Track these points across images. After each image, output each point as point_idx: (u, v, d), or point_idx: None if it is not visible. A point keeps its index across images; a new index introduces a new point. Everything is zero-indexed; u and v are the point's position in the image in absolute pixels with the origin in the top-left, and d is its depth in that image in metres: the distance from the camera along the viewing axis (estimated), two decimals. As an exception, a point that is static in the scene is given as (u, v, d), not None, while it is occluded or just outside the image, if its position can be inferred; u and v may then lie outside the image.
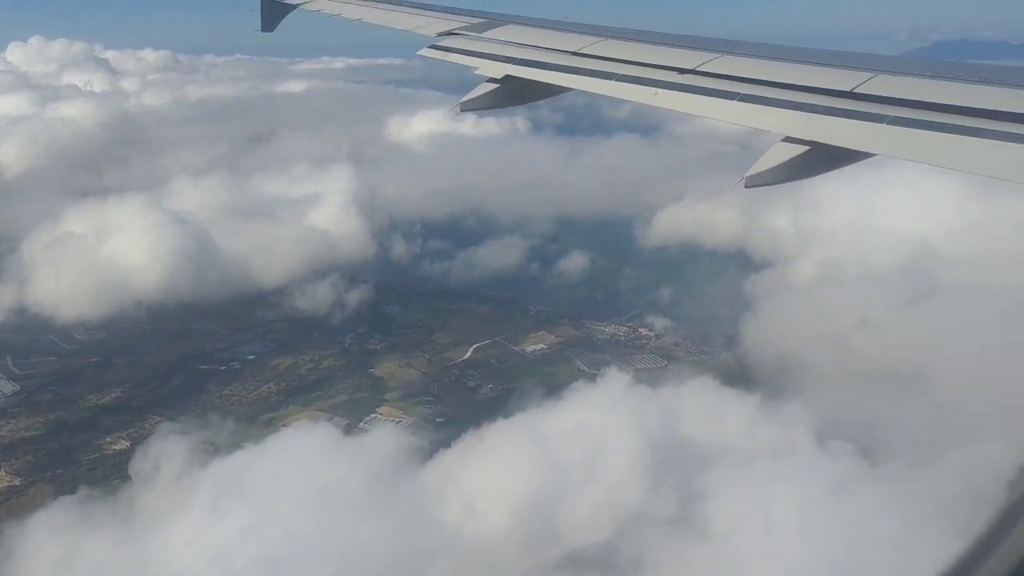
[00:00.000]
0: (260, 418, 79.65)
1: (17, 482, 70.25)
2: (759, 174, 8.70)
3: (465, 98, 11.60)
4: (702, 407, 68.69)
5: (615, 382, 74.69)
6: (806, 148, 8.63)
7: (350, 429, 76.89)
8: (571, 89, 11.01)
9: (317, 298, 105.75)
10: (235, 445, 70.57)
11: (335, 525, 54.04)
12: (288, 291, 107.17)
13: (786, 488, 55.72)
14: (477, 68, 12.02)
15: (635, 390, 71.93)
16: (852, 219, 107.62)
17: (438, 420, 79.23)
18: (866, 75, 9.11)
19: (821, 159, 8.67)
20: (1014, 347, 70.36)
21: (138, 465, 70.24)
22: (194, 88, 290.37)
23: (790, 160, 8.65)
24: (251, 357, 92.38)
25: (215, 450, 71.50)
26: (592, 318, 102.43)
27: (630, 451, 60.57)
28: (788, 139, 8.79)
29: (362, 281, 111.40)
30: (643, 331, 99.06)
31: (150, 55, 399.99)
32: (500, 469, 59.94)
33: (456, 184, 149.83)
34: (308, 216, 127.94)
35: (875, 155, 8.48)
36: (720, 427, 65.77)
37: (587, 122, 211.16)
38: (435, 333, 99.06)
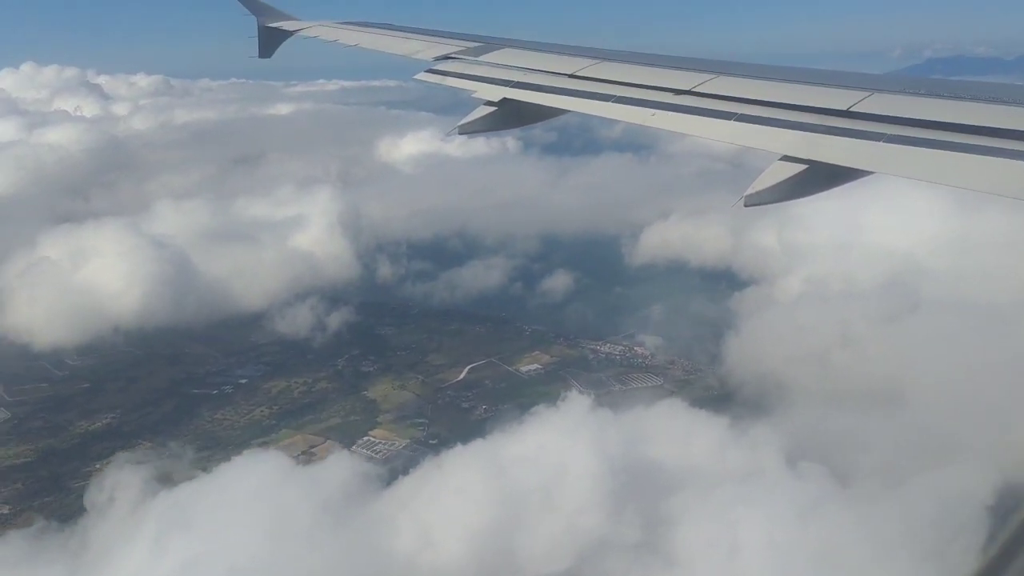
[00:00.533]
0: (252, 442, 79.30)
1: (5, 510, 70.04)
2: (758, 193, 8.77)
3: (463, 121, 11.72)
4: (671, 430, 68.61)
5: (579, 406, 74.27)
6: (804, 167, 8.71)
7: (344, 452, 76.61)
8: (568, 111, 11.14)
9: (308, 321, 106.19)
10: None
11: (282, 559, 53.43)
12: (279, 314, 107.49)
13: (753, 512, 55.72)
14: (475, 92, 12.18)
15: (600, 413, 71.75)
16: (838, 235, 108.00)
17: (431, 442, 78.97)
18: (862, 94, 9.23)
19: (819, 178, 8.75)
20: (992, 364, 70.77)
21: (117, 494, 69.24)
22: (184, 112, 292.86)
23: (788, 179, 8.73)
24: (243, 381, 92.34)
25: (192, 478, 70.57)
26: (587, 337, 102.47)
27: (594, 476, 60.10)
28: (786, 158, 8.87)
29: (354, 303, 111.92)
30: (638, 350, 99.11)
31: (143, 80, 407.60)
32: (459, 497, 59.37)
33: (444, 204, 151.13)
34: (297, 238, 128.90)
35: (872, 173, 8.58)
36: (689, 450, 65.65)
37: (579, 141, 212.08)
38: (429, 354, 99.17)
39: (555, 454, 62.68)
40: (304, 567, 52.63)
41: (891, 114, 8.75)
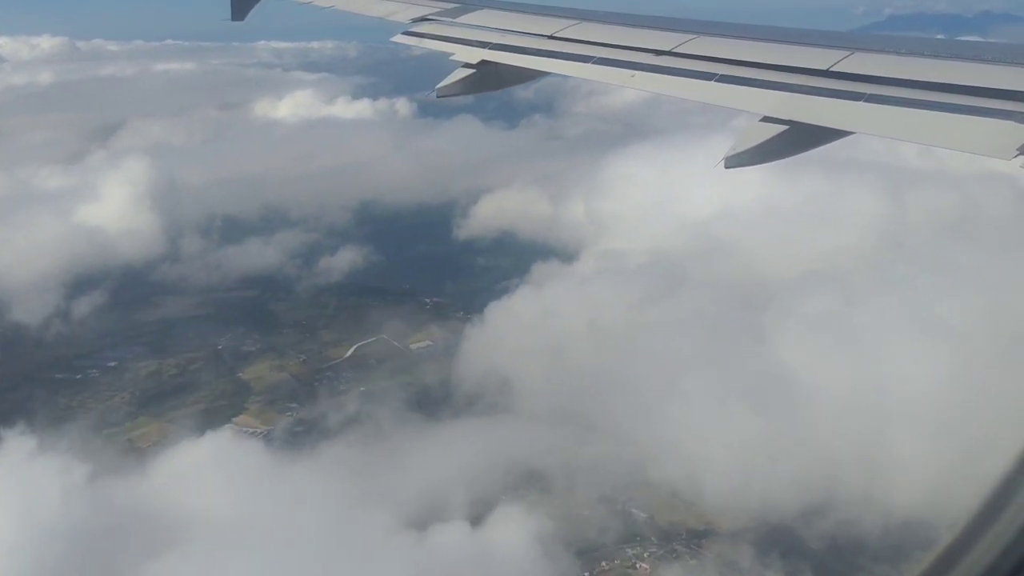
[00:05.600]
0: (102, 432, 75.93)
1: None
2: (738, 155, 9.17)
3: (440, 84, 11.98)
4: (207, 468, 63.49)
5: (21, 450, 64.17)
6: (784, 127, 9.09)
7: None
8: (548, 73, 11.49)
9: (194, 296, 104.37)
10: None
11: None
12: (161, 289, 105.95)
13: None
14: (452, 54, 12.45)
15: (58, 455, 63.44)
16: (650, 206, 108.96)
17: (296, 430, 76.61)
18: (843, 53, 9.61)
19: (800, 138, 9.15)
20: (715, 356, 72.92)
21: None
22: (55, 74, 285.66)
23: (769, 140, 9.13)
24: (112, 364, 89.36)
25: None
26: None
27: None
28: (766, 119, 9.26)
29: (240, 277, 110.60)
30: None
31: (46, 42, 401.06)
32: None
33: (281, 171, 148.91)
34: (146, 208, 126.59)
35: (853, 133, 9.08)
36: (215, 496, 59.05)
37: (493, 104, 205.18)
38: (320, 331, 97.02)
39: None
40: None
41: (872, 73, 9.16)
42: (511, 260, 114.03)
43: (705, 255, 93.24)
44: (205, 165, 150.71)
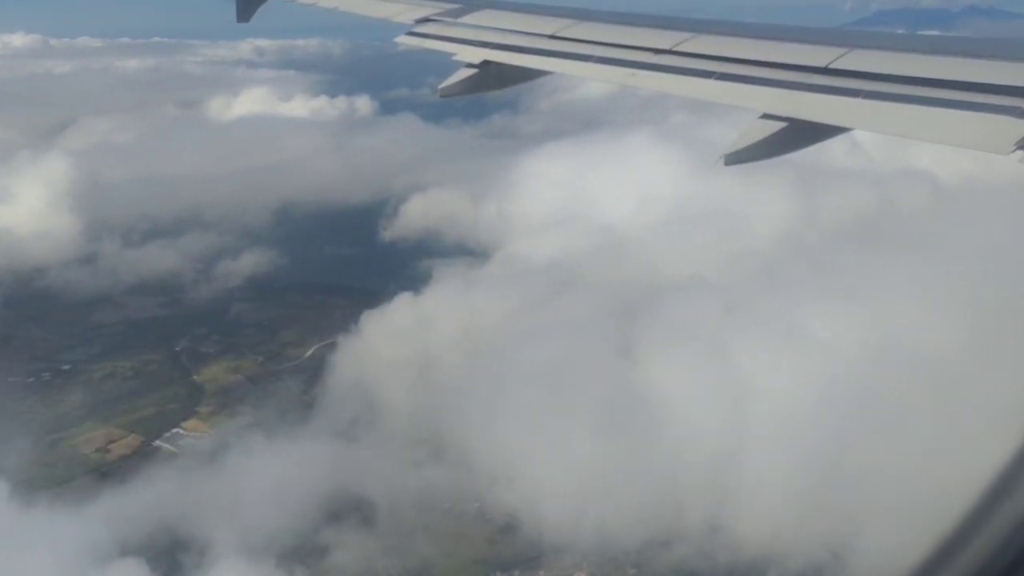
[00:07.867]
0: (47, 439, 74.61)
1: None
2: (737, 152, 9.34)
3: (443, 84, 12.16)
4: None
5: None
6: (783, 124, 9.26)
7: (145, 447, 73.90)
8: (549, 72, 11.67)
9: (156, 296, 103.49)
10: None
11: None
12: (122, 289, 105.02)
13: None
14: (455, 54, 12.60)
15: None
16: (566, 205, 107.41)
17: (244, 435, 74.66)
18: (840, 51, 9.78)
19: (798, 135, 9.33)
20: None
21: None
22: (20, 72, 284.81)
23: (768, 137, 9.29)
24: (66, 367, 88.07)
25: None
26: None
27: None
28: (766, 116, 9.42)
29: (202, 276, 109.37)
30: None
31: (18, 39, 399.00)
32: None
33: (237, 168, 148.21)
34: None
35: (851, 129, 9.29)
36: None
37: (462, 101, 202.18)
38: (280, 332, 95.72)
39: None
40: None
41: (869, 70, 9.31)
42: (464, 260, 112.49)
43: (606, 258, 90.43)
44: (144, 163, 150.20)
